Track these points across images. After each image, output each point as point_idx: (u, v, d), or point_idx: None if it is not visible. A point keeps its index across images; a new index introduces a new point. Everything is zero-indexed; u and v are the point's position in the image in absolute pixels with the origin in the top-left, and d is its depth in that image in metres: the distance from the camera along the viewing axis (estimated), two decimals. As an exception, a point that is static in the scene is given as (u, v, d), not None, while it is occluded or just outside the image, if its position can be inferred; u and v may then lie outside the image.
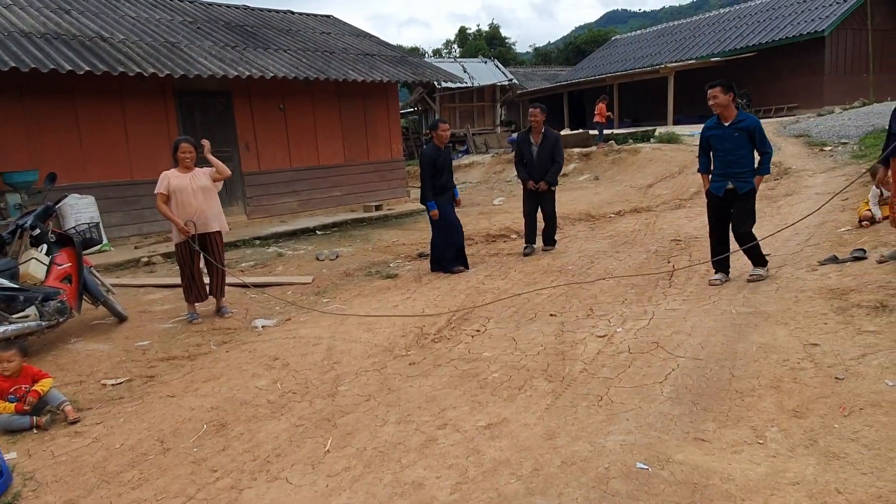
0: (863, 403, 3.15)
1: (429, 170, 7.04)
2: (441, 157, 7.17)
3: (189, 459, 3.32)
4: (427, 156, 7.12)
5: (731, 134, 5.46)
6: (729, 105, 5.47)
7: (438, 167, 7.11)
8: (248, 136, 11.62)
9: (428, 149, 7.22)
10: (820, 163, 12.99)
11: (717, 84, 5.47)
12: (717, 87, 5.44)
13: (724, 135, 5.52)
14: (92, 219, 8.86)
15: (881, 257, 5.37)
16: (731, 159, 5.49)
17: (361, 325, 5.43)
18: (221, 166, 5.88)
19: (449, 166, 7.30)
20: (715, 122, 5.62)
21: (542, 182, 7.72)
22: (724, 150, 5.54)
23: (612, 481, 2.74)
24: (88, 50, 9.63)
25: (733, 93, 5.49)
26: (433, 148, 7.18)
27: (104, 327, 5.81)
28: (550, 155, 7.73)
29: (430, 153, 7.12)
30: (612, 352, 4.29)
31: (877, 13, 22.30)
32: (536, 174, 7.73)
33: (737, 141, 5.43)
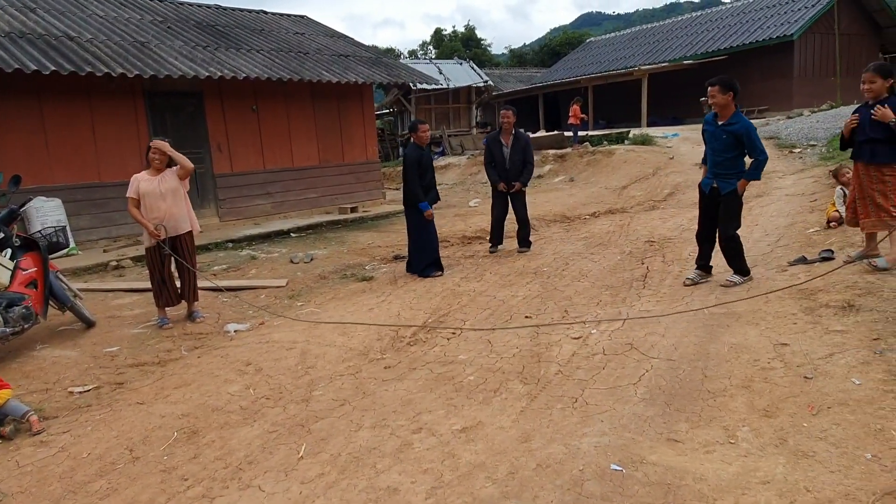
0: (831, 402, 3.21)
1: (415, 170, 7.00)
2: (424, 157, 7.16)
3: (159, 468, 3.25)
4: (411, 156, 7.08)
5: (720, 134, 5.38)
6: (728, 105, 5.31)
7: (423, 167, 7.09)
8: (220, 137, 11.46)
9: (410, 149, 7.20)
10: (790, 164, 13.26)
11: (716, 82, 5.32)
12: (715, 86, 5.28)
13: (715, 133, 5.45)
14: (58, 222, 8.66)
15: (848, 258, 5.48)
16: (718, 159, 5.45)
17: (336, 328, 5.38)
18: (182, 159, 5.75)
19: (431, 167, 7.30)
20: (712, 117, 5.51)
21: (516, 183, 7.74)
22: (713, 148, 5.51)
23: (587, 483, 2.74)
24: (55, 49, 9.41)
25: (733, 92, 5.28)
26: (415, 148, 7.16)
27: (71, 333, 5.67)
28: (522, 156, 7.77)
29: (414, 153, 7.09)
30: (587, 353, 4.31)
31: (843, 18, 22.84)
32: (508, 176, 7.77)
33: (725, 142, 5.34)
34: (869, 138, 5.10)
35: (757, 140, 5.25)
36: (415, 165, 7.01)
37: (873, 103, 5.05)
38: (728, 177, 5.40)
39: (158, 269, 5.75)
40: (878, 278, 4.81)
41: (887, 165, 5.05)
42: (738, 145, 5.29)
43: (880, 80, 4.97)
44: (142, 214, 5.64)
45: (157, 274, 5.75)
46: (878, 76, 4.98)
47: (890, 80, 5.01)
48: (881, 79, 4.98)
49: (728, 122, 5.32)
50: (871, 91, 5.03)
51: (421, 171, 7.06)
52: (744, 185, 5.38)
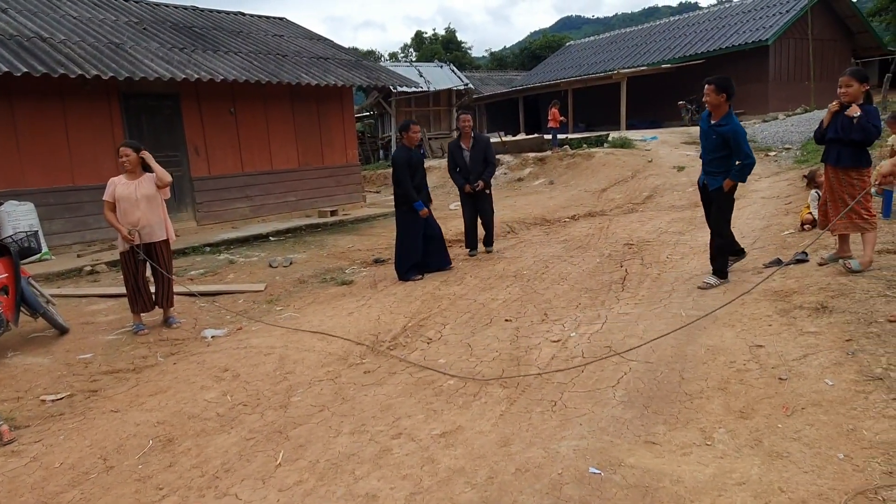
0: (804, 403, 3.25)
1: (405, 170, 7.04)
2: (414, 158, 7.20)
3: (134, 477, 3.19)
4: (400, 157, 7.11)
5: (710, 133, 5.53)
6: (720, 105, 5.42)
7: (413, 167, 7.12)
8: (197, 140, 11.34)
9: (399, 150, 7.23)
10: (765, 167, 13.46)
11: (712, 81, 5.45)
12: (711, 85, 5.42)
13: (706, 132, 5.59)
14: (31, 226, 8.49)
15: (822, 260, 5.58)
16: (708, 157, 5.63)
17: (315, 333, 5.34)
18: (162, 172, 5.67)
19: (421, 167, 7.32)
20: (707, 115, 5.62)
21: (479, 182, 7.82)
22: (704, 146, 5.69)
23: (566, 487, 2.75)
24: (26, 50, 9.24)
25: (727, 94, 5.38)
26: (404, 149, 7.20)
27: (44, 340, 5.56)
28: (483, 157, 7.89)
29: (403, 154, 7.13)
30: (566, 357, 4.32)
31: (816, 24, 23.28)
32: (471, 179, 7.86)
33: (714, 142, 5.49)
34: (837, 138, 5.19)
35: (743, 143, 5.34)
36: (405, 166, 7.04)
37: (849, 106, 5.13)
38: (716, 175, 5.56)
39: (133, 275, 5.67)
40: (850, 280, 4.90)
41: (853, 169, 5.15)
42: (725, 146, 5.41)
43: (857, 84, 5.07)
44: (117, 219, 5.56)
45: (132, 279, 5.67)
46: (855, 80, 5.08)
47: (865, 85, 5.11)
48: (857, 83, 5.08)
49: (719, 122, 5.44)
50: (848, 94, 5.12)
51: (411, 171, 7.09)
52: (728, 184, 5.48)
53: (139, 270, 5.69)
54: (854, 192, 5.14)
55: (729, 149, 5.41)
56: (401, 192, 7.11)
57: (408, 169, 7.05)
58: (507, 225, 10.32)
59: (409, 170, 7.05)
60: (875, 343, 3.76)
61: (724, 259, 5.71)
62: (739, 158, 5.39)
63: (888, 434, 2.85)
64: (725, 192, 5.54)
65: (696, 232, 8.05)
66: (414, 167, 7.14)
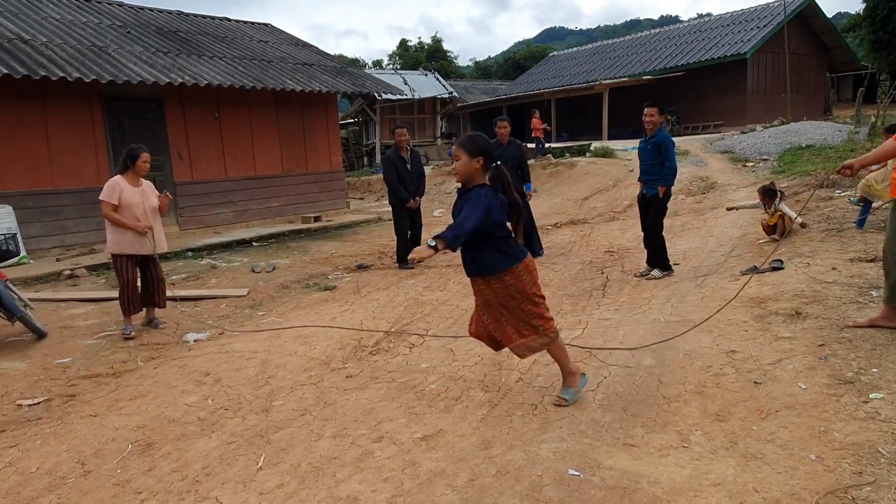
0: (778, 406, 3.33)
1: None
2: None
3: (112, 482, 3.16)
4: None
5: (646, 147, 6.46)
6: (658, 123, 6.38)
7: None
8: (180, 144, 11.28)
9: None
10: (743, 178, 13.70)
11: (654, 104, 6.38)
12: (655, 108, 6.35)
13: (643, 147, 6.52)
14: (9, 230, 8.38)
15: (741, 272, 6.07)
16: (645, 168, 6.53)
17: (298, 337, 5.34)
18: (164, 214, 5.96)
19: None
20: (644, 138, 6.57)
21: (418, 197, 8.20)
22: (642, 159, 6.56)
23: (545, 489, 2.78)
24: (6, 52, 9.14)
25: (665, 115, 6.35)
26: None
27: (21, 344, 5.49)
28: (419, 170, 8.29)
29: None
30: (548, 361, 4.35)
31: (793, 38, 23.78)
32: (412, 190, 8.09)
33: (650, 153, 6.42)
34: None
35: (670, 151, 6.29)
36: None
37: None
38: (653, 182, 6.43)
39: (131, 277, 5.63)
40: (823, 287, 5.01)
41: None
42: (658, 154, 6.34)
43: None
44: None
45: (130, 282, 5.63)
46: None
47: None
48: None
49: (652, 135, 6.40)
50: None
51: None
52: (662, 190, 6.36)
53: (136, 273, 5.70)
54: None
55: (661, 156, 6.30)
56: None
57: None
58: (490, 232, 10.37)
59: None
60: (846, 348, 3.86)
61: (664, 255, 6.55)
62: (665, 163, 6.28)
63: (858, 435, 2.93)
64: (660, 198, 6.39)
65: (676, 240, 8.17)
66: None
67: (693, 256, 7.28)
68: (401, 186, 8.02)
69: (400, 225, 8.14)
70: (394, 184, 8.01)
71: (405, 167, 8.04)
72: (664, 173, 6.32)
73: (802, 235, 7.13)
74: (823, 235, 6.91)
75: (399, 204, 8.06)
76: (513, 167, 8.05)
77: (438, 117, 28.83)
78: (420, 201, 8.19)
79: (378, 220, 13.12)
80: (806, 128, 17.89)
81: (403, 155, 8.08)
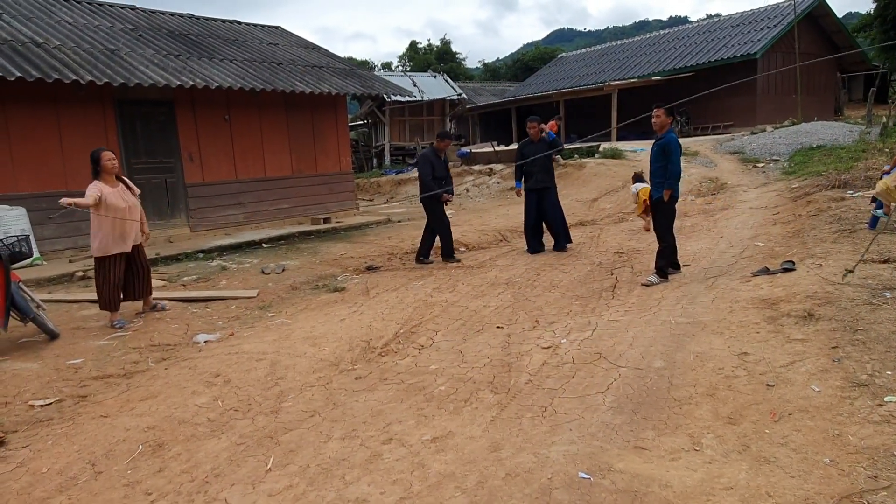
0: (792, 409, 3.29)
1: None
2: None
3: (122, 482, 3.18)
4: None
5: (654, 149, 6.46)
6: (666, 125, 6.36)
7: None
8: (191, 146, 11.33)
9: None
10: (753, 178, 13.61)
11: (662, 107, 6.37)
12: (662, 110, 6.35)
13: (652, 149, 6.51)
14: (22, 231, 8.45)
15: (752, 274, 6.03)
16: (652, 169, 6.50)
17: (307, 339, 5.35)
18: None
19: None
20: (655, 139, 6.51)
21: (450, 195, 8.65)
22: (650, 161, 6.55)
23: (555, 492, 2.77)
24: (20, 55, 9.23)
25: (673, 117, 6.43)
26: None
27: (33, 345, 5.53)
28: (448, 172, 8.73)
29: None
30: (557, 363, 4.35)
31: (803, 39, 23.61)
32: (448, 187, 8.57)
33: (656, 154, 6.41)
34: None
35: (674, 154, 6.21)
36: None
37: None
38: (659, 184, 6.38)
39: (117, 277, 5.96)
40: (836, 289, 4.96)
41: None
42: (664, 155, 6.29)
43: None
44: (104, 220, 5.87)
45: (115, 279, 5.95)
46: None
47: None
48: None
49: (659, 137, 6.39)
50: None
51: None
52: (666, 194, 6.28)
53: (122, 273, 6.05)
54: None
55: (667, 158, 6.24)
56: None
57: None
58: (499, 233, 10.37)
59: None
60: (860, 350, 3.81)
61: (666, 261, 6.41)
62: (668, 166, 6.23)
63: (873, 439, 2.89)
64: (665, 201, 6.31)
65: (686, 241, 8.12)
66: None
67: (703, 258, 7.23)
68: (434, 182, 8.38)
69: (441, 220, 8.51)
70: (428, 179, 8.38)
71: (442, 165, 8.52)
72: (667, 176, 6.25)
73: (814, 236, 7.06)
74: (836, 236, 6.84)
75: (433, 201, 8.44)
76: (542, 162, 8.45)
77: (447, 119, 28.82)
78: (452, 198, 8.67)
79: (387, 221, 13.13)
80: (817, 128, 17.75)
81: (440, 155, 8.59)
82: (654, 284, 6.24)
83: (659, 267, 6.38)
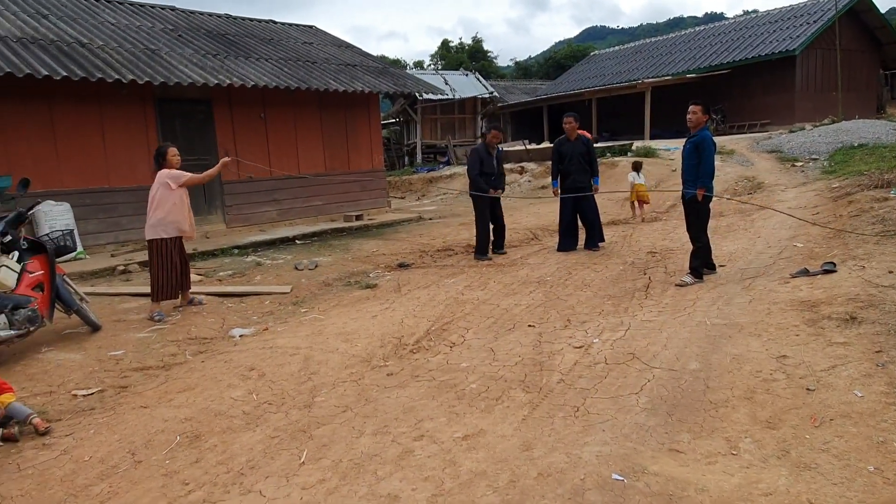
0: (833, 414, 3.21)
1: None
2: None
3: (161, 472, 3.25)
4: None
5: (687, 146, 6.32)
6: (701, 122, 6.22)
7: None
8: (228, 144, 11.54)
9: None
10: (792, 178, 13.28)
11: (700, 103, 6.22)
12: (700, 106, 6.21)
13: (685, 146, 6.37)
14: (66, 226, 8.72)
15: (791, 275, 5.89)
16: (684, 167, 6.38)
17: (340, 335, 5.40)
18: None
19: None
20: (688, 136, 6.38)
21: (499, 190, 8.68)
22: (683, 158, 6.42)
23: (588, 493, 2.74)
24: (66, 55, 9.52)
25: (709, 115, 6.28)
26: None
27: (77, 337, 5.70)
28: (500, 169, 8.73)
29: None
30: (589, 363, 4.31)
31: (844, 34, 22.94)
32: (493, 183, 8.54)
33: (688, 152, 6.28)
34: None
35: (707, 152, 6.10)
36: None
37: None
38: (690, 183, 6.27)
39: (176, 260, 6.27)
40: (879, 291, 4.81)
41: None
42: (697, 154, 6.16)
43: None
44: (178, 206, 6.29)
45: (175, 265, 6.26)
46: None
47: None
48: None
49: (693, 135, 6.26)
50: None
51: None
52: (700, 192, 6.14)
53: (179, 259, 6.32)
54: None
55: (700, 157, 6.12)
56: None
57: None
58: (530, 231, 10.32)
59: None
60: (906, 356, 3.69)
61: (700, 261, 6.30)
62: (701, 165, 6.11)
63: (919, 447, 2.80)
64: (699, 201, 6.19)
65: (722, 241, 7.97)
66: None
67: (740, 258, 7.09)
68: (481, 178, 8.41)
69: (483, 217, 8.53)
70: (475, 174, 8.45)
71: (491, 161, 8.49)
72: (700, 174, 6.13)
73: (857, 237, 6.86)
74: (879, 238, 6.64)
75: (478, 197, 8.46)
76: (580, 162, 8.37)
77: (479, 117, 28.77)
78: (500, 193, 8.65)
79: (419, 219, 13.18)
80: (858, 126, 17.22)
81: (491, 151, 8.56)
82: (688, 285, 6.14)
83: (693, 267, 6.29)
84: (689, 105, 6.24)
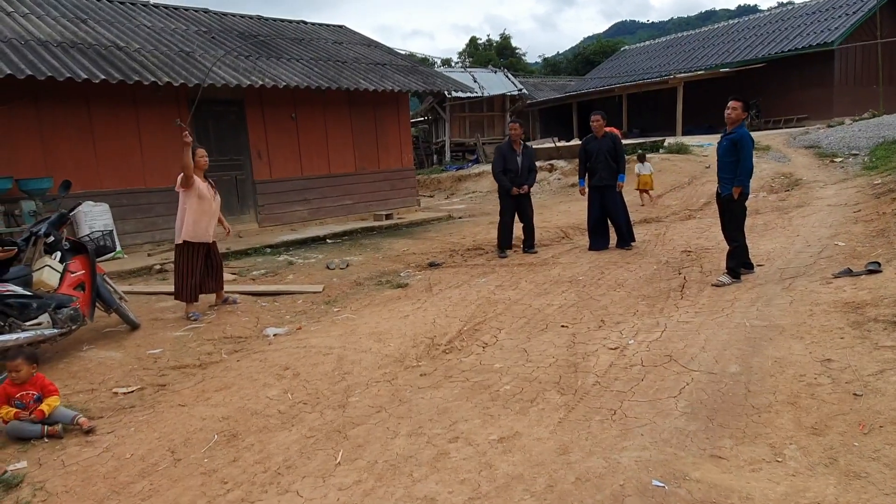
0: (883, 421, 3.10)
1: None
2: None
3: (200, 471, 3.30)
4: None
5: (723, 141, 6.18)
6: (740, 119, 6.08)
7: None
8: (260, 144, 11.68)
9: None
10: (831, 174, 12.93)
11: (740, 100, 6.09)
12: (740, 102, 6.06)
13: (720, 142, 6.24)
14: (105, 226, 8.92)
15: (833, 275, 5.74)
16: (720, 164, 6.25)
17: (372, 335, 5.42)
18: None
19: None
20: (724, 132, 6.28)
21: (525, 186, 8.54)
22: (718, 155, 6.29)
23: (628, 499, 2.70)
24: (104, 59, 9.73)
25: (748, 112, 6.14)
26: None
27: (116, 335, 5.82)
28: (530, 164, 8.64)
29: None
30: (625, 364, 4.25)
31: (886, 25, 22.24)
32: (517, 181, 8.47)
33: (725, 149, 6.13)
34: None
35: (746, 149, 5.94)
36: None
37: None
38: (726, 181, 6.14)
39: (198, 265, 6.26)
40: (930, 293, 4.65)
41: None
42: (734, 151, 6.03)
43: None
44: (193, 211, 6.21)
45: (193, 269, 6.25)
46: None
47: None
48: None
49: (730, 131, 6.12)
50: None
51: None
52: (736, 191, 6.04)
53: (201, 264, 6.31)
54: None
55: (737, 154, 5.98)
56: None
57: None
58: (561, 230, 10.23)
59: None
60: (960, 361, 3.55)
61: (737, 260, 6.18)
62: (740, 162, 5.97)
63: (977, 457, 2.69)
64: (735, 199, 6.07)
65: (759, 240, 7.78)
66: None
67: (778, 257, 6.92)
68: (503, 176, 8.42)
69: (504, 212, 8.60)
70: (497, 172, 8.51)
71: (514, 158, 8.44)
72: (738, 172, 5.98)
73: (903, 237, 6.64)
74: (927, 237, 6.41)
75: (504, 193, 8.52)
76: (606, 159, 8.30)
77: (508, 114, 28.64)
78: (527, 189, 8.55)
79: (448, 217, 13.16)
80: (903, 120, 16.68)
81: (515, 147, 8.48)
82: (725, 285, 6.01)
83: (730, 267, 6.17)
84: (729, 101, 6.10)
